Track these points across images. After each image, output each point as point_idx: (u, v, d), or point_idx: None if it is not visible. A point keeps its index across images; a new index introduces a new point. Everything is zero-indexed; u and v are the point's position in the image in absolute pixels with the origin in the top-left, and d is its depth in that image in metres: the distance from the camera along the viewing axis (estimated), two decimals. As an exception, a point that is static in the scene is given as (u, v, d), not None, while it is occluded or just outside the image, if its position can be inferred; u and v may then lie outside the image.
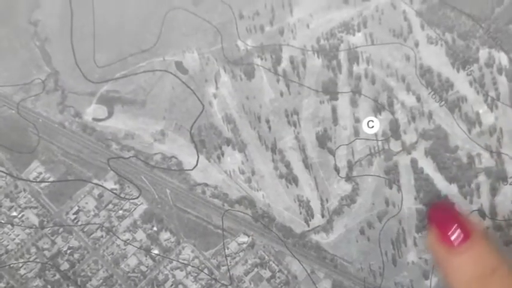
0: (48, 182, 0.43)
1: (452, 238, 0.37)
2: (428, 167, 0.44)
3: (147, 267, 0.44)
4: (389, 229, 0.44)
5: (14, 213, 0.43)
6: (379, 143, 0.44)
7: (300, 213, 0.44)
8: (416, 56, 0.43)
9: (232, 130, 0.44)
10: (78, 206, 0.43)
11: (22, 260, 0.44)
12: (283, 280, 0.44)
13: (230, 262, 0.44)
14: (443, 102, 0.44)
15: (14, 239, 0.44)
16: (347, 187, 0.44)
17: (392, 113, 0.44)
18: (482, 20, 0.43)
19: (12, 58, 0.43)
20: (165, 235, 0.44)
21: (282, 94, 0.44)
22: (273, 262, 0.44)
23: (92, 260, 0.44)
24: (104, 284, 0.44)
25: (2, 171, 0.43)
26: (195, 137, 0.43)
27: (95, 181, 0.43)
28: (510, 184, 0.44)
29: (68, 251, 0.44)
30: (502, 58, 0.43)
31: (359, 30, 0.43)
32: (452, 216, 0.38)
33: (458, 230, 0.37)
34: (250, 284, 0.44)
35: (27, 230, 0.43)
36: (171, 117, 0.43)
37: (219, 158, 0.44)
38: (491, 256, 0.36)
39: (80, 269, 0.44)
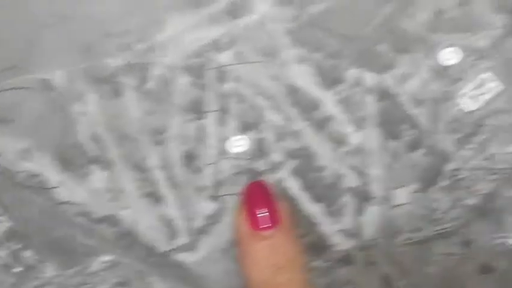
0: None
1: (260, 222, 0.36)
2: (294, 186, 0.43)
3: (9, 285, 0.43)
4: (258, 250, 0.43)
5: None
6: (246, 162, 0.43)
7: (164, 232, 0.43)
8: (284, 75, 0.43)
9: (99, 148, 0.43)
10: None
11: None
12: (147, 301, 0.43)
13: (92, 281, 0.43)
14: (310, 122, 0.43)
15: None
16: (213, 206, 0.43)
17: (260, 132, 0.43)
18: (351, 40, 0.43)
19: None
20: (28, 253, 0.43)
21: (149, 113, 0.43)
22: (136, 281, 0.43)
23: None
24: (-33, 305, 0.43)
25: None
26: (61, 155, 0.43)
27: (-40, 200, 0.43)
28: (375, 204, 0.43)
29: None
30: (369, 78, 0.43)
31: (228, 49, 0.43)
32: (265, 200, 0.37)
33: (267, 215, 0.36)
34: (114, 304, 0.43)
35: None
36: (37, 135, 0.43)
37: (84, 176, 0.43)
38: (291, 248, 0.36)
39: None
